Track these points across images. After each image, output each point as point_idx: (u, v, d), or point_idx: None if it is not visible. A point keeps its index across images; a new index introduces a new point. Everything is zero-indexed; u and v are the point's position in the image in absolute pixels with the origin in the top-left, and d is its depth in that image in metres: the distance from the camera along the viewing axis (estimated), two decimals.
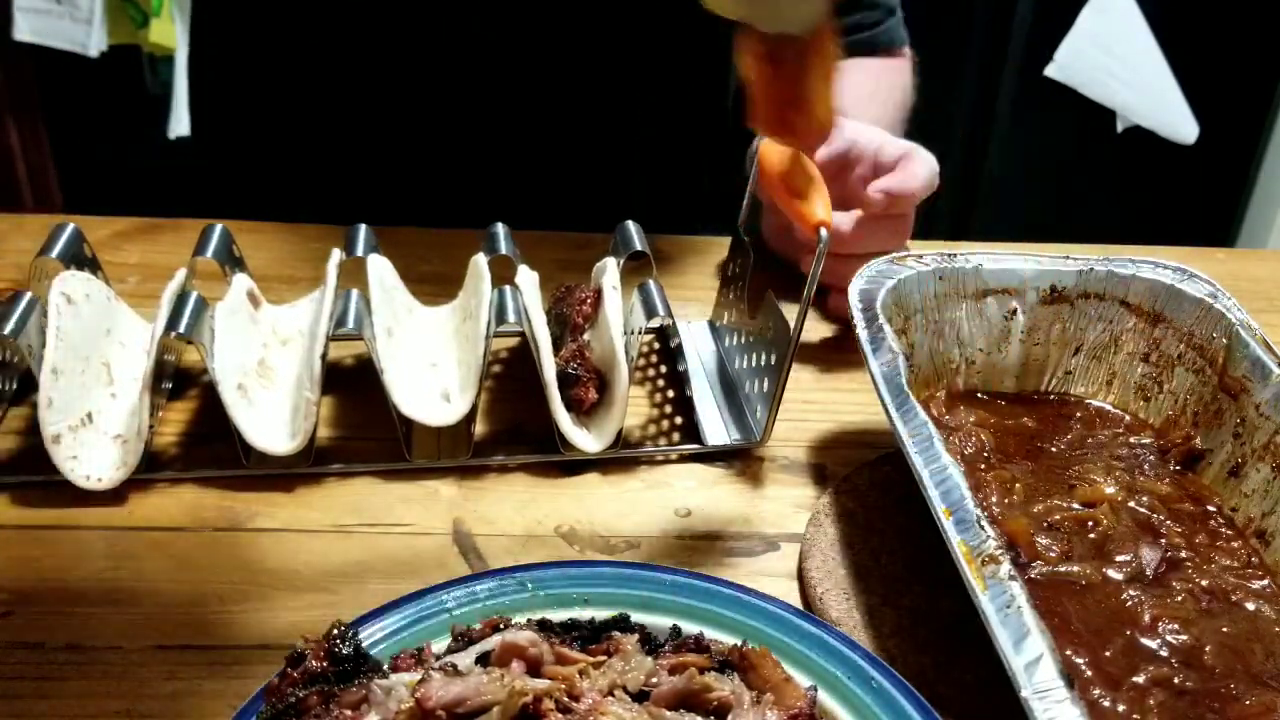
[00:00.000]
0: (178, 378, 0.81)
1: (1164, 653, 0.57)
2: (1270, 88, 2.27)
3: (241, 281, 0.78)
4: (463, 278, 0.82)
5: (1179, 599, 0.61)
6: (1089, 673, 0.56)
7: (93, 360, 0.74)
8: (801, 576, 0.67)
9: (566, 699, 0.47)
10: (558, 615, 0.56)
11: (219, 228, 0.82)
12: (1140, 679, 0.56)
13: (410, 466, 0.74)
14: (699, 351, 0.86)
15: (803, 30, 0.58)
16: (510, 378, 0.84)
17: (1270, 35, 2.20)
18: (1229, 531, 0.66)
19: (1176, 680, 0.56)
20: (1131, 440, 0.73)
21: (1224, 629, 0.59)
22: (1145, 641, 0.58)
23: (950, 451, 0.59)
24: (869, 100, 1.06)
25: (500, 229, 0.84)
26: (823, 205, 0.73)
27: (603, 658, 0.51)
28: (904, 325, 0.74)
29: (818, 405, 0.81)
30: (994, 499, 0.66)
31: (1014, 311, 0.76)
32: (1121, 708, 0.54)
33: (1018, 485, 0.67)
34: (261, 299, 0.81)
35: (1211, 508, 0.68)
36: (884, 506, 0.70)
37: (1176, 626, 0.59)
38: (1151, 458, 0.72)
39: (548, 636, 0.52)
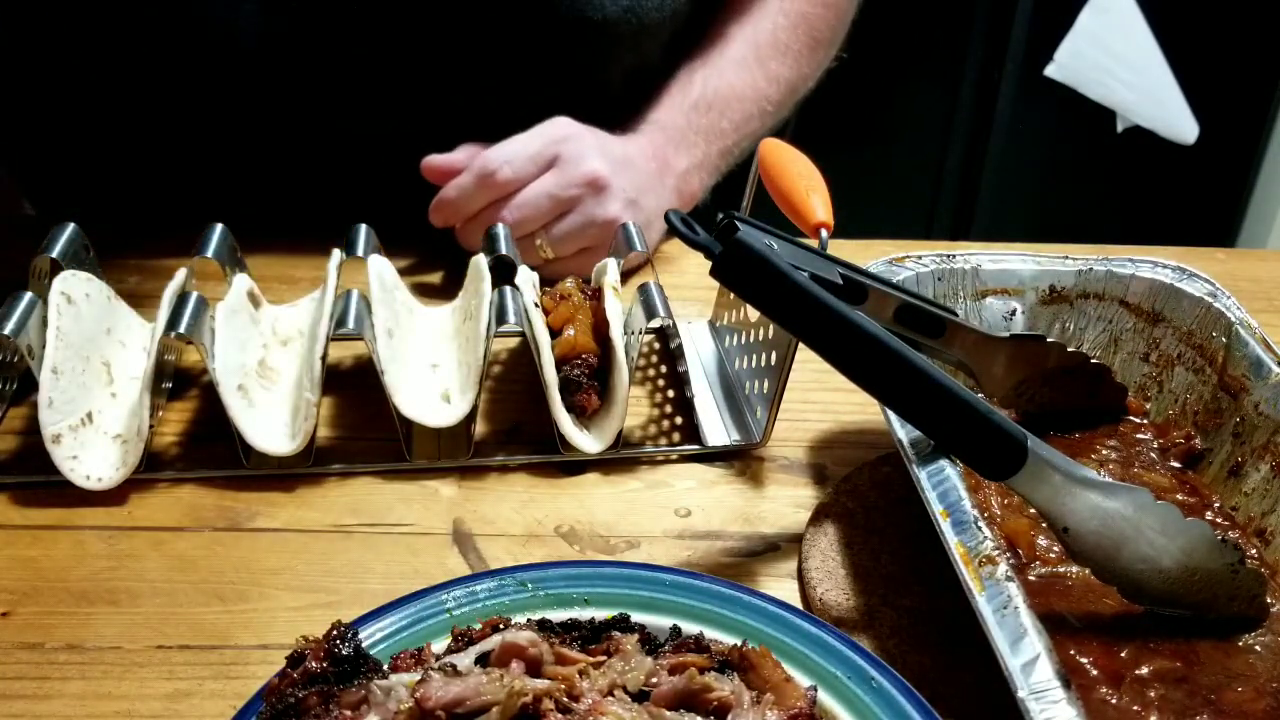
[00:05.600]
0: (178, 378, 0.82)
1: (1164, 648, 0.57)
2: (1270, 88, 2.27)
3: (241, 281, 0.79)
4: (463, 278, 0.82)
5: None
6: (1093, 671, 0.56)
7: (93, 360, 0.74)
8: (801, 576, 0.67)
9: (566, 699, 0.47)
10: (558, 615, 0.56)
11: (219, 228, 0.82)
12: (1143, 671, 0.56)
13: (410, 467, 0.74)
14: (699, 352, 0.87)
15: None
16: (510, 378, 0.84)
17: (1270, 35, 2.20)
18: (1229, 529, 0.66)
19: (1175, 674, 0.56)
20: (1131, 439, 0.74)
21: (1223, 624, 0.59)
22: (1146, 638, 0.58)
23: None
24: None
25: (500, 229, 0.84)
26: (822, 205, 0.73)
27: (603, 658, 0.51)
28: None
29: (818, 405, 0.81)
30: (994, 499, 0.66)
31: (1014, 312, 0.76)
32: (1124, 701, 0.54)
33: None
34: (262, 299, 0.81)
35: (1212, 505, 0.68)
36: (884, 506, 0.70)
37: (1176, 623, 0.59)
38: (1152, 455, 0.72)
39: (548, 636, 0.52)
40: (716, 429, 0.78)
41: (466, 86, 0.98)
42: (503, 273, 0.78)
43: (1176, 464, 0.71)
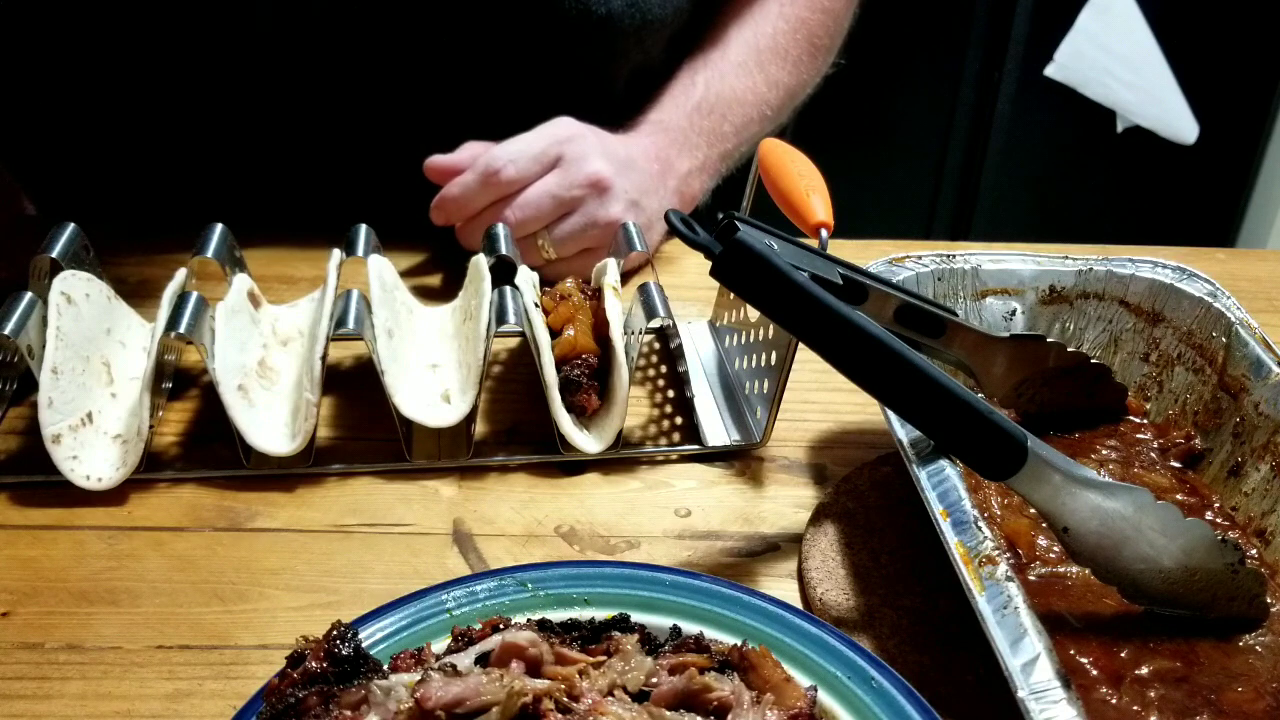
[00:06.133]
0: (178, 378, 0.82)
1: (1164, 648, 0.57)
2: (1270, 88, 2.27)
3: (241, 281, 0.79)
4: (463, 278, 0.82)
5: None
6: (1093, 671, 0.56)
7: (93, 360, 0.74)
8: (801, 576, 0.67)
9: (566, 699, 0.47)
10: (558, 615, 0.56)
11: (219, 228, 0.82)
12: (1143, 671, 0.56)
13: (410, 467, 0.74)
14: (699, 352, 0.87)
15: None
16: (510, 378, 0.84)
17: (1270, 35, 2.20)
18: (1229, 529, 0.66)
19: (1175, 674, 0.56)
20: (1131, 439, 0.74)
21: (1223, 624, 0.59)
22: (1146, 638, 0.58)
23: None
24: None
25: (500, 229, 0.84)
26: (822, 205, 0.73)
27: (603, 658, 0.51)
28: None
29: (818, 405, 0.81)
30: (994, 499, 0.66)
31: (1014, 312, 0.76)
32: (1124, 701, 0.54)
33: None
34: (262, 299, 0.81)
35: (1212, 505, 0.68)
36: (884, 506, 0.70)
37: (1176, 623, 0.59)
38: (1152, 455, 0.72)
39: (548, 636, 0.52)
40: (716, 429, 0.78)
41: (470, 84, 0.98)
42: (503, 273, 0.78)
43: (1176, 464, 0.71)
